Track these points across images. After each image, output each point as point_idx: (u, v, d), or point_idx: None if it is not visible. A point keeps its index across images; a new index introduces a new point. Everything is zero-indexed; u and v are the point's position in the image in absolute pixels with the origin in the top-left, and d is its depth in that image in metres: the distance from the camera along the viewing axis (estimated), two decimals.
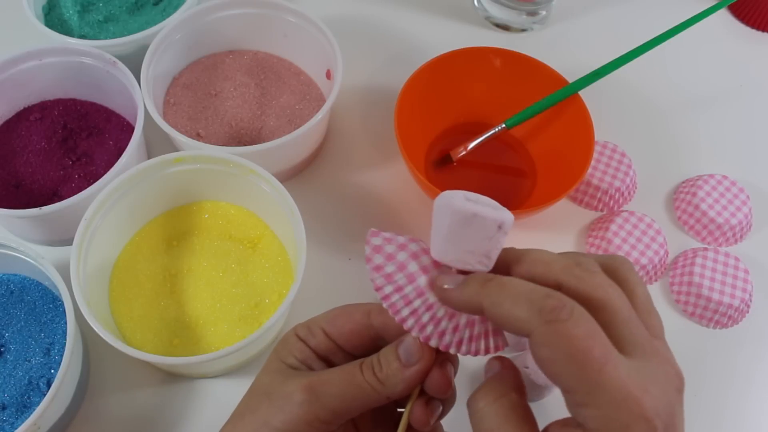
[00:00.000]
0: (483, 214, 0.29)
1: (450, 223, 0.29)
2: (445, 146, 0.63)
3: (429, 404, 0.32)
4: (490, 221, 0.29)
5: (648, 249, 0.57)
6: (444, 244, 0.30)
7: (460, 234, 0.30)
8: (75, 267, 0.47)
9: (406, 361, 0.30)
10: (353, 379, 0.30)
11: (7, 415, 0.47)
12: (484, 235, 0.30)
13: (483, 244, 0.30)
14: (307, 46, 0.62)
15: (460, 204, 0.29)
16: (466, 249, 0.30)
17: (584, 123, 0.58)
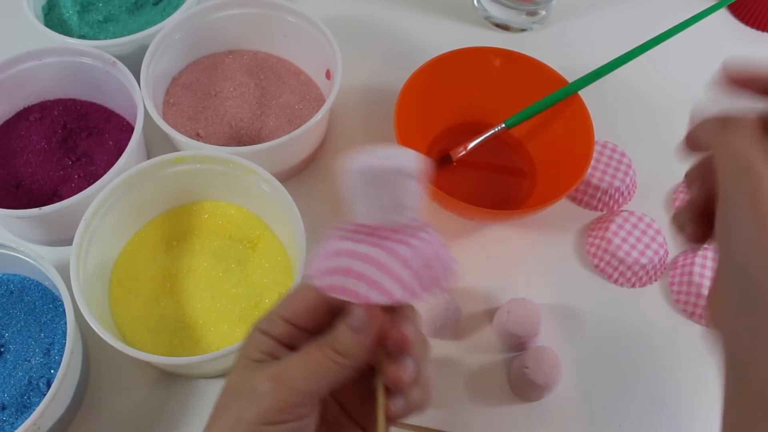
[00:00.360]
0: (383, 166, 0.29)
1: (356, 185, 0.29)
2: (444, 146, 0.63)
3: (400, 363, 0.32)
4: (394, 171, 0.29)
5: (648, 249, 0.57)
6: (360, 206, 0.30)
7: (368, 192, 0.29)
8: (75, 267, 0.47)
9: (358, 330, 0.30)
10: (315, 359, 0.31)
11: (7, 415, 0.47)
12: (392, 186, 0.29)
13: (395, 196, 0.29)
14: (307, 46, 0.62)
15: (361, 163, 0.29)
16: (381, 205, 0.30)
17: (584, 123, 0.58)
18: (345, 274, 0.29)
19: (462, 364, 0.54)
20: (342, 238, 0.30)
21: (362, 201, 0.30)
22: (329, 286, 0.29)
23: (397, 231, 0.30)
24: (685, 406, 0.54)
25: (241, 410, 0.30)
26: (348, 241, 0.30)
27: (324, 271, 0.30)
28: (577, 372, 0.54)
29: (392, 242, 0.30)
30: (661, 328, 0.57)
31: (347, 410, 0.35)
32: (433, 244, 0.30)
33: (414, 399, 0.32)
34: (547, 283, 0.58)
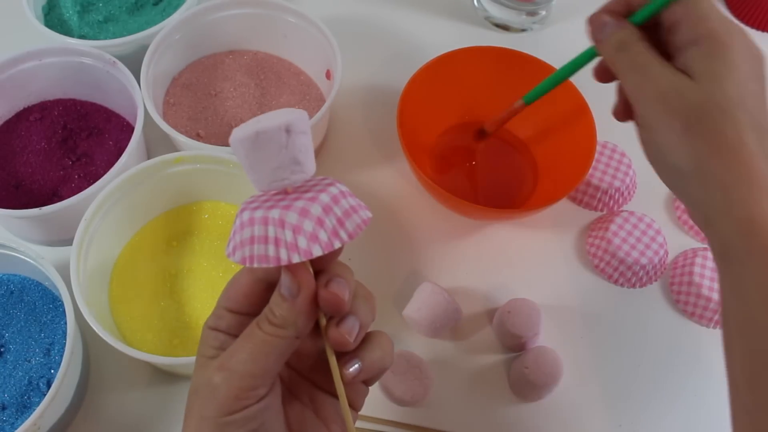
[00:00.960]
0: (264, 127, 0.29)
1: (245, 153, 0.29)
2: (446, 145, 0.63)
3: (341, 324, 0.31)
4: (273, 131, 0.29)
5: (648, 249, 0.57)
6: (254, 174, 0.30)
7: (257, 157, 0.29)
8: (75, 267, 0.47)
9: (290, 296, 0.30)
10: (256, 338, 0.30)
11: (7, 415, 0.47)
12: (278, 146, 0.29)
13: (284, 154, 0.29)
14: (307, 46, 0.62)
15: (241, 132, 0.29)
16: (272, 167, 0.29)
17: (586, 124, 0.58)
18: (251, 242, 0.29)
19: (462, 364, 0.54)
20: (242, 210, 0.30)
21: (253, 168, 0.30)
22: (242, 258, 0.29)
23: (295, 190, 0.30)
24: (685, 406, 0.54)
25: (202, 408, 0.30)
26: (246, 212, 0.30)
27: (234, 247, 0.30)
28: (577, 372, 0.54)
29: (288, 200, 0.30)
30: (661, 328, 0.57)
31: (316, 383, 0.35)
32: (331, 191, 0.30)
33: (372, 359, 0.32)
34: (547, 283, 0.58)
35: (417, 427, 0.51)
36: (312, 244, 0.28)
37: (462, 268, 0.59)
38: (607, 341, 0.56)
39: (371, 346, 0.32)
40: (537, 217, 0.60)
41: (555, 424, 0.53)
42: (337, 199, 0.30)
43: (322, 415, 0.34)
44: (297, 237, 0.28)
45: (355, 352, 0.32)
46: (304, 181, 0.31)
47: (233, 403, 0.30)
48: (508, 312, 0.53)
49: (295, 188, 0.31)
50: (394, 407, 0.52)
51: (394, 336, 0.55)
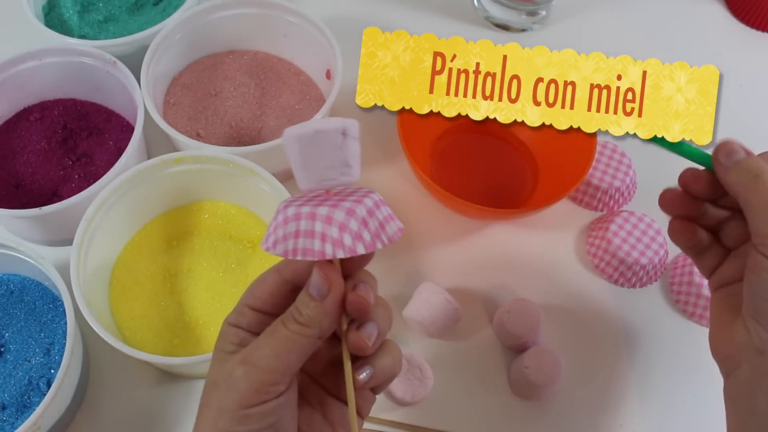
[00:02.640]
0: (323, 127, 0.30)
1: (300, 150, 0.30)
2: (446, 145, 0.63)
3: (361, 329, 0.32)
4: (332, 131, 0.30)
5: (648, 249, 0.57)
6: (303, 171, 0.31)
7: (311, 155, 0.31)
8: (75, 267, 0.47)
9: (319, 296, 0.31)
10: (281, 334, 0.31)
11: (7, 415, 0.47)
12: (334, 146, 0.31)
13: (337, 155, 0.31)
14: (307, 46, 0.62)
15: (300, 129, 0.30)
16: (323, 166, 0.31)
17: None
18: (295, 236, 0.30)
19: (462, 364, 0.54)
20: (286, 206, 0.31)
21: (304, 165, 0.31)
22: (284, 251, 0.30)
23: (336, 193, 0.32)
24: (685, 406, 0.54)
25: (221, 400, 0.31)
26: (291, 208, 0.31)
27: (276, 240, 0.30)
28: (577, 372, 0.54)
29: (334, 200, 0.31)
30: (661, 328, 0.57)
31: (326, 387, 0.35)
32: (373, 198, 0.32)
33: (382, 366, 0.33)
34: (547, 283, 0.58)
35: (417, 427, 0.51)
36: (356, 242, 0.30)
37: (462, 268, 0.59)
38: (607, 341, 0.56)
39: (383, 354, 0.33)
40: (537, 217, 0.60)
41: (555, 424, 0.53)
42: (378, 206, 0.32)
43: (330, 418, 0.34)
44: (342, 234, 0.29)
45: (368, 358, 0.32)
46: (345, 187, 0.32)
47: (253, 397, 0.30)
48: (508, 312, 0.53)
49: (336, 192, 0.32)
50: (394, 407, 0.52)
51: (394, 336, 0.55)
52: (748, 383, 0.36)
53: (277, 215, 0.31)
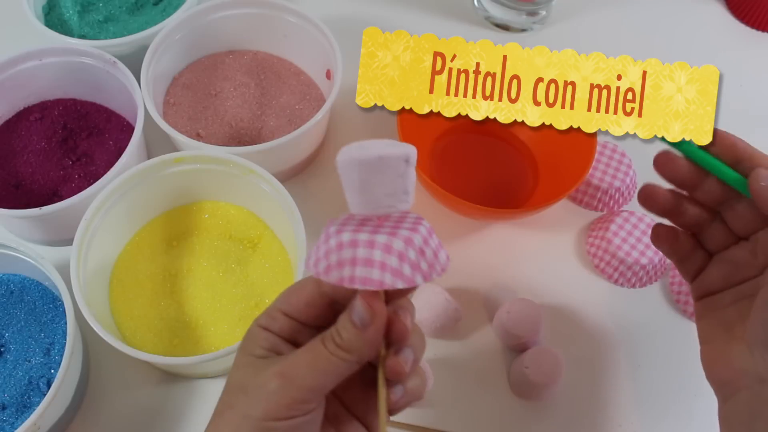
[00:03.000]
0: (387, 154, 0.29)
1: (359, 175, 0.30)
2: (446, 145, 0.63)
3: (399, 353, 0.32)
4: (396, 158, 0.29)
5: (648, 249, 0.57)
6: (361, 196, 0.30)
7: (372, 182, 0.30)
8: (75, 267, 0.47)
9: (361, 325, 0.30)
10: (320, 355, 0.31)
11: (7, 415, 0.47)
12: (396, 173, 0.30)
13: (398, 183, 0.30)
14: (307, 46, 0.62)
15: (363, 153, 0.29)
16: (383, 193, 0.30)
17: None
18: (352, 263, 0.29)
19: (462, 364, 0.54)
20: (339, 231, 0.30)
21: (362, 190, 0.30)
22: (340, 278, 0.29)
23: (386, 219, 0.31)
24: (685, 406, 0.54)
25: (249, 407, 0.30)
26: (346, 233, 0.30)
27: (329, 266, 0.30)
28: (577, 372, 0.54)
29: (389, 227, 0.30)
30: (661, 328, 0.57)
31: (344, 402, 0.35)
32: (426, 225, 0.31)
33: (412, 388, 0.33)
34: (547, 283, 0.58)
35: (417, 427, 0.51)
36: (415, 272, 0.29)
37: (462, 268, 0.58)
38: (607, 341, 0.56)
39: (413, 375, 0.33)
40: (537, 217, 0.60)
41: (555, 424, 0.53)
42: (430, 234, 0.31)
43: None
44: (402, 264, 0.29)
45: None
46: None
47: (283, 411, 0.30)
48: (508, 312, 0.53)
49: (386, 217, 0.31)
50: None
51: None
52: (748, 410, 0.36)
53: (327, 239, 0.30)
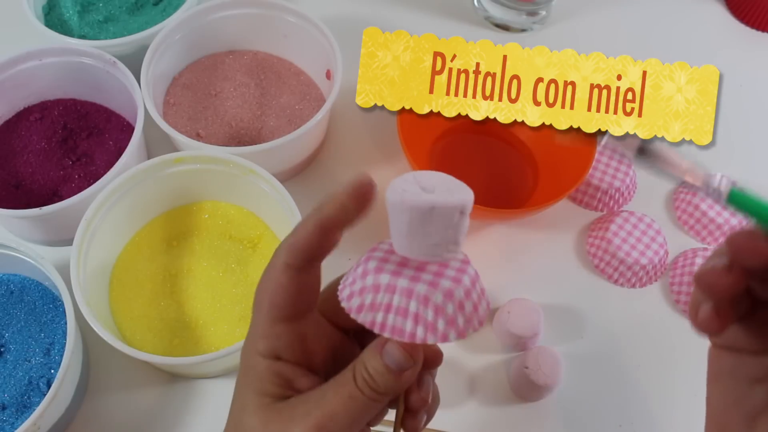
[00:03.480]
0: (441, 204, 0.27)
1: (410, 221, 0.28)
2: (447, 145, 0.63)
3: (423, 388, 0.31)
4: (450, 209, 0.27)
5: (648, 249, 0.57)
6: (407, 240, 0.28)
7: (421, 230, 0.28)
8: (75, 267, 0.47)
9: (397, 369, 0.29)
10: (356, 400, 0.28)
11: (7, 415, 0.47)
12: (447, 224, 0.27)
13: (449, 234, 0.28)
14: (307, 46, 0.62)
15: (415, 198, 0.27)
16: (433, 242, 0.28)
17: None
18: (386, 310, 0.28)
19: (462, 364, 0.54)
20: (378, 270, 0.29)
21: (410, 235, 0.28)
22: (372, 322, 0.28)
23: (438, 264, 0.29)
24: (685, 406, 0.54)
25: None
26: (385, 274, 0.28)
27: (362, 305, 0.28)
28: (577, 372, 0.54)
29: (430, 274, 0.28)
30: (661, 328, 0.57)
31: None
32: (470, 273, 0.29)
33: (432, 411, 0.32)
34: (547, 283, 0.58)
35: None
36: (449, 328, 0.28)
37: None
38: (607, 341, 0.56)
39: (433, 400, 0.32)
40: (537, 217, 0.60)
41: (555, 424, 0.53)
42: (474, 283, 0.29)
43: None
44: (437, 318, 0.28)
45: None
46: None
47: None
48: (508, 312, 0.53)
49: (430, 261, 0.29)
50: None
51: None
52: None
53: (364, 274, 0.29)
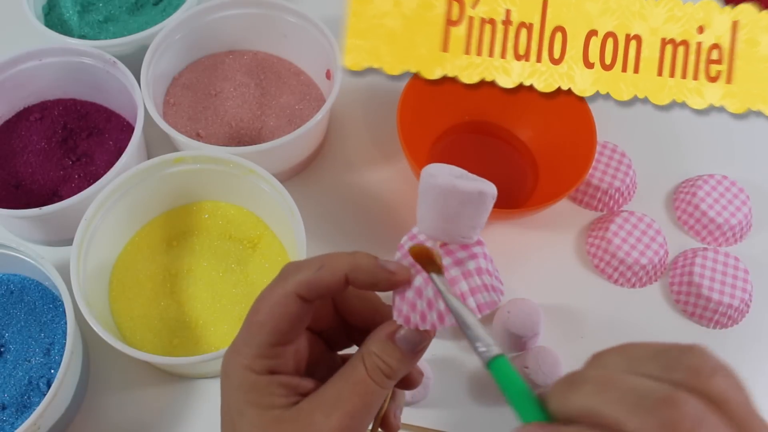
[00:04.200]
0: (485, 190, 0.29)
1: (457, 205, 0.29)
2: (446, 145, 0.63)
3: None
4: (491, 195, 0.29)
5: (648, 249, 0.57)
6: (444, 223, 0.29)
7: (464, 213, 0.29)
8: (75, 267, 0.47)
9: (410, 351, 0.29)
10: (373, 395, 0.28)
11: (7, 415, 0.47)
12: (485, 209, 0.29)
13: (483, 217, 0.30)
14: (307, 46, 0.62)
15: (462, 183, 0.29)
16: (468, 225, 0.29)
17: (587, 124, 0.58)
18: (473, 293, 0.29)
19: (462, 364, 0.54)
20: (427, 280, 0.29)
21: (448, 218, 0.29)
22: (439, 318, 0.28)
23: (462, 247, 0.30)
24: None
25: None
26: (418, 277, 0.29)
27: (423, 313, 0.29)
28: None
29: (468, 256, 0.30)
30: (661, 328, 0.57)
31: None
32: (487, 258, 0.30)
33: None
34: (547, 283, 0.58)
35: (417, 427, 0.51)
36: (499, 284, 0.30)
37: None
38: (607, 341, 0.56)
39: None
40: (537, 217, 0.60)
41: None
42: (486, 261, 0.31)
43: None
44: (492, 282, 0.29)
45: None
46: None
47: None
48: (508, 312, 0.53)
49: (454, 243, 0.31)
50: None
51: None
52: None
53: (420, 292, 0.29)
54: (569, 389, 0.24)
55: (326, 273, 0.29)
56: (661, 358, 0.24)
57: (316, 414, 0.28)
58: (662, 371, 0.23)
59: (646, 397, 0.22)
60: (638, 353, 0.25)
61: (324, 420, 0.27)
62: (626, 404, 0.22)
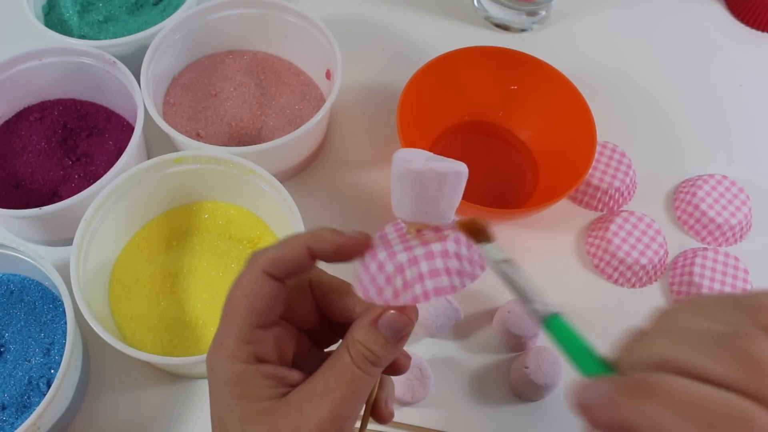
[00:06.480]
0: (459, 170, 0.30)
1: (437, 187, 0.30)
2: (446, 145, 0.63)
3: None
4: (464, 175, 0.30)
5: (648, 249, 0.57)
6: (425, 205, 0.30)
7: (444, 193, 0.30)
8: (75, 267, 0.47)
9: (393, 337, 0.29)
10: (361, 383, 0.28)
11: (7, 415, 0.47)
12: (460, 188, 0.31)
13: (458, 197, 0.31)
14: (307, 46, 0.62)
15: (436, 165, 0.30)
16: (449, 205, 0.31)
17: (587, 124, 0.58)
18: (420, 279, 0.29)
19: (462, 364, 0.54)
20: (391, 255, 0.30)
21: (427, 200, 0.30)
22: (413, 297, 0.29)
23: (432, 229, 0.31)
24: None
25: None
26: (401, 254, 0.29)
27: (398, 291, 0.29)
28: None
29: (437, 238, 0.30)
30: None
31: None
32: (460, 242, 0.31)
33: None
34: (547, 283, 0.58)
35: (417, 427, 0.51)
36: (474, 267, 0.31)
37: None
38: (607, 341, 0.56)
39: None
40: (537, 217, 0.60)
41: (555, 424, 0.53)
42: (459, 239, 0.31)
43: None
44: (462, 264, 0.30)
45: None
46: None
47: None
48: (508, 312, 0.53)
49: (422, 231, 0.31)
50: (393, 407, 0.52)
51: None
52: None
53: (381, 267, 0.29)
54: (639, 341, 0.25)
55: (289, 247, 0.30)
56: (730, 304, 0.24)
57: (304, 405, 0.28)
58: (732, 315, 0.24)
59: (719, 336, 0.22)
60: (707, 302, 0.25)
61: (313, 410, 0.28)
62: (698, 345, 0.22)
